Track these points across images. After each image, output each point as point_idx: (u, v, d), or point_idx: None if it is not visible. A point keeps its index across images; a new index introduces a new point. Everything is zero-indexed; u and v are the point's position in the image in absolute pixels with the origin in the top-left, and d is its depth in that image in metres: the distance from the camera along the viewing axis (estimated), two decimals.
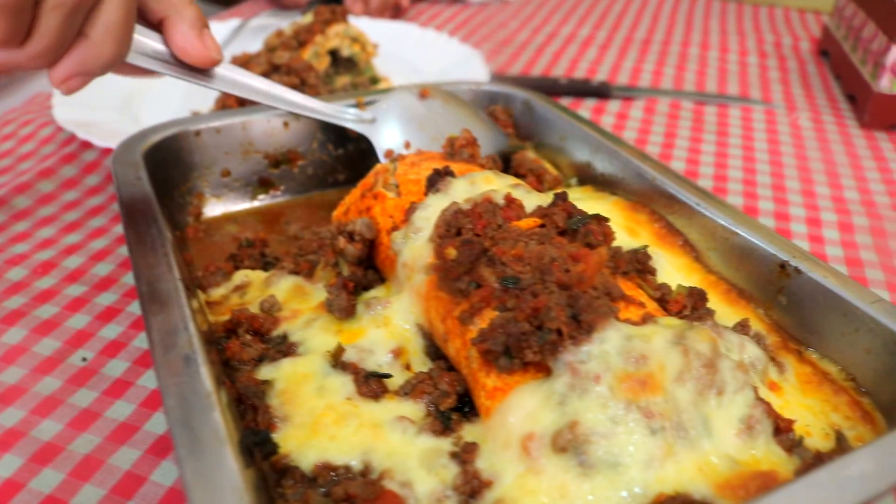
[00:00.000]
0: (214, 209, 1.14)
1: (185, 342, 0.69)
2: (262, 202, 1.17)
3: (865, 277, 1.06)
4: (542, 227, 0.77)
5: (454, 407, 0.73)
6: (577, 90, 1.62)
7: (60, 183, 1.25)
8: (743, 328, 0.79)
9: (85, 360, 0.87)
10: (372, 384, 0.74)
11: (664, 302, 0.78)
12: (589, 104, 1.61)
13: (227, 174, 1.14)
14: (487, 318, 0.69)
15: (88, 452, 0.76)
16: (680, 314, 0.77)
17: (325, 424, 0.70)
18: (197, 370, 0.66)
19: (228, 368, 0.79)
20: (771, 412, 0.66)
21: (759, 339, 0.80)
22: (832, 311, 0.78)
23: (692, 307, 0.77)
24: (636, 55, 1.94)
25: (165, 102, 1.47)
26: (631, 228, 0.94)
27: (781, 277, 0.83)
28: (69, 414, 0.80)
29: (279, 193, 1.18)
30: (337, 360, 0.77)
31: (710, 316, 0.78)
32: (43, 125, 1.43)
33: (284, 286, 0.90)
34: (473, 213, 0.76)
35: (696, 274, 0.89)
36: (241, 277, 0.93)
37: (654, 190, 0.97)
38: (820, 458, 0.64)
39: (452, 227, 0.76)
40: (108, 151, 1.31)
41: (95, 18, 0.70)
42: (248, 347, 0.80)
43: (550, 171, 1.10)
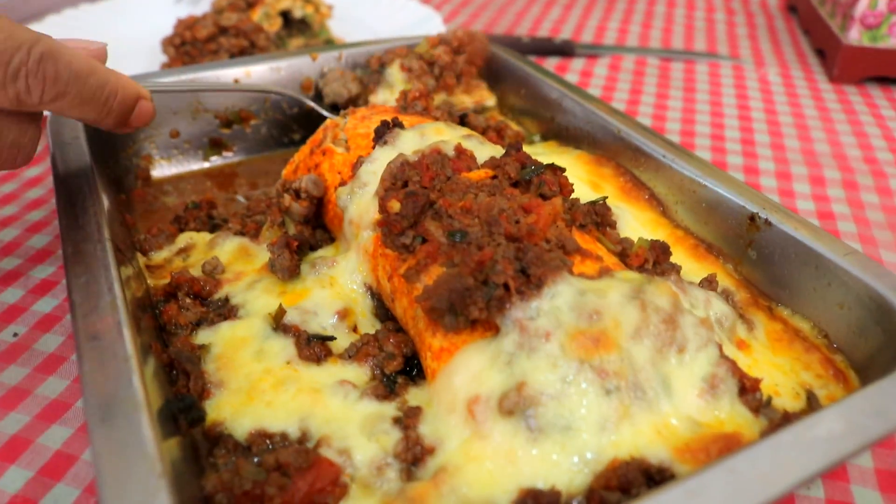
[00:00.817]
0: (164, 171, 1.09)
1: (107, 305, 0.64)
2: (214, 163, 1.11)
3: (838, 230, 1.02)
4: (493, 178, 0.72)
5: (401, 370, 0.69)
6: (540, 49, 1.56)
7: None
8: (710, 284, 0.75)
9: (16, 335, 0.82)
10: (314, 347, 0.69)
11: (625, 256, 0.73)
12: (552, 63, 1.56)
13: (176, 135, 1.08)
14: (434, 275, 0.65)
15: (16, 432, 0.71)
16: (641, 269, 0.72)
17: (261, 390, 0.66)
18: (119, 334, 0.61)
19: (165, 333, 0.75)
20: (736, 371, 0.62)
21: (727, 295, 0.76)
22: (804, 264, 0.74)
23: (654, 261, 0.72)
24: (601, 14, 1.88)
25: (116, 69, 1.40)
26: (594, 183, 0.89)
27: (751, 230, 0.79)
28: None
29: (232, 154, 1.12)
30: (278, 322, 0.72)
31: (673, 271, 0.73)
32: None
33: (229, 247, 0.85)
34: (421, 164, 0.71)
35: (662, 229, 0.84)
36: (185, 240, 0.88)
37: (619, 143, 0.93)
38: (788, 418, 0.60)
39: (399, 179, 0.71)
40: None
41: None
42: (185, 311, 0.75)
43: (512, 126, 1.05)
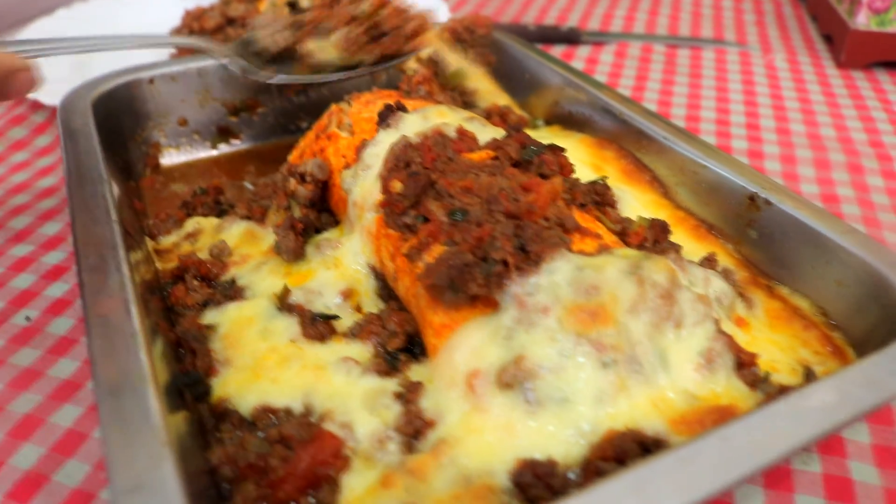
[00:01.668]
0: (173, 159, 1.10)
1: (115, 285, 0.65)
2: (222, 151, 1.13)
3: (842, 213, 1.02)
4: (495, 159, 0.73)
5: (404, 348, 0.70)
6: (546, 36, 1.57)
7: (9, 145, 1.21)
8: (710, 262, 0.76)
9: (28, 319, 0.84)
10: (318, 326, 0.71)
11: (625, 235, 0.74)
12: (558, 50, 1.56)
13: (184, 123, 1.10)
14: (436, 253, 0.66)
15: (28, 411, 0.73)
16: (641, 247, 0.73)
17: (267, 367, 0.67)
18: (126, 313, 0.62)
19: (173, 314, 0.76)
20: (733, 345, 0.63)
21: (727, 274, 0.76)
22: (803, 243, 0.75)
23: (654, 240, 0.73)
24: (608, 2, 1.88)
25: (123, 61, 1.42)
26: (597, 165, 0.90)
27: (751, 210, 0.79)
28: (9, 374, 0.77)
29: (240, 142, 1.14)
30: (283, 302, 0.73)
31: (673, 249, 0.74)
32: None
33: (236, 231, 0.86)
34: (423, 146, 0.72)
35: (663, 210, 0.85)
36: (192, 225, 0.90)
37: (622, 126, 0.93)
38: (784, 392, 0.61)
39: (401, 161, 0.72)
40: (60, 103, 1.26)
41: None
42: (193, 292, 0.77)
43: (515, 111, 1.06)
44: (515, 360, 0.58)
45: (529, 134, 0.95)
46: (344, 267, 0.77)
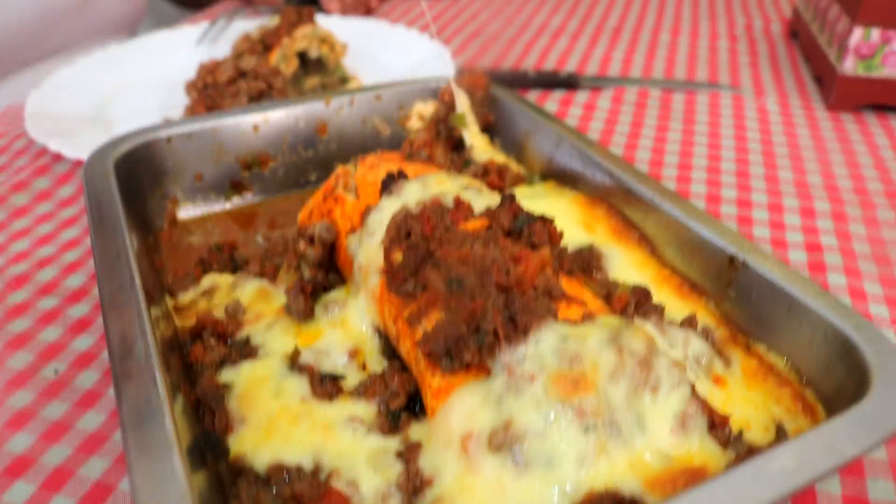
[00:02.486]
0: (189, 212, 1.16)
1: (141, 350, 0.71)
2: (235, 204, 1.19)
3: (824, 262, 1.07)
4: (489, 228, 0.78)
5: (406, 406, 0.75)
6: (545, 82, 1.63)
7: (34, 196, 1.27)
8: (690, 323, 0.81)
9: (57, 372, 0.90)
10: (326, 385, 0.77)
11: (610, 299, 0.80)
12: (557, 96, 1.62)
13: (199, 178, 1.16)
14: (433, 319, 0.72)
15: (59, 464, 0.78)
16: (624, 311, 0.78)
17: (279, 426, 0.73)
18: (151, 377, 0.68)
19: (192, 372, 0.82)
20: (706, 407, 0.68)
21: (707, 333, 0.82)
22: (777, 303, 0.80)
23: (636, 304, 0.79)
24: (606, 43, 1.94)
25: (140, 107, 1.49)
26: (588, 224, 0.96)
27: (731, 271, 0.85)
28: (41, 427, 0.82)
29: (252, 195, 1.20)
30: (294, 362, 0.79)
31: (655, 312, 0.79)
32: (16, 137, 1.45)
33: (249, 290, 0.92)
34: (422, 216, 0.78)
35: (650, 268, 0.91)
36: (209, 282, 0.96)
37: (612, 184, 0.99)
38: (752, 451, 0.66)
39: (402, 230, 0.78)
40: (80, 163, 1.33)
41: None
42: (210, 351, 0.83)
43: (513, 168, 1.12)
44: (505, 424, 0.63)
45: (525, 189, 1.02)
46: (350, 327, 0.83)
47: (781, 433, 0.71)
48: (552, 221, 0.79)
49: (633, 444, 0.64)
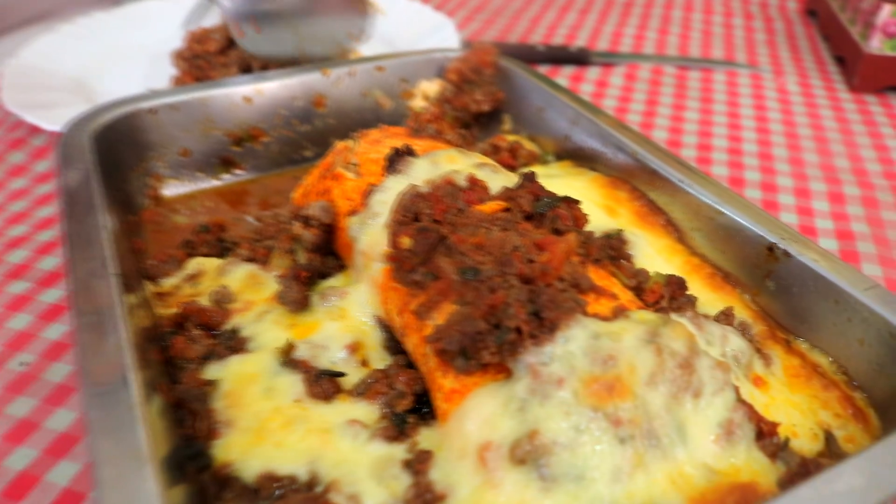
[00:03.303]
0: (175, 190, 1.08)
1: (112, 346, 0.63)
2: (224, 181, 1.11)
3: (857, 251, 1.00)
4: (507, 210, 0.70)
5: (412, 408, 0.68)
6: (555, 57, 1.55)
7: (7, 170, 1.18)
8: (727, 317, 0.73)
9: (23, 364, 0.82)
10: (323, 384, 0.69)
11: (640, 290, 0.72)
12: (567, 72, 1.54)
13: (186, 153, 1.07)
14: (446, 312, 0.64)
15: (24, 468, 0.71)
16: (657, 304, 0.71)
17: (271, 430, 0.65)
18: (122, 377, 0.60)
19: (172, 367, 0.74)
20: (753, 415, 0.60)
21: (744, 328, 0.74)
22: (823, 297, 0.73)
23: (670, 297, 0.71)
24: (617, 19, 1.86)
25: (125, 78, 1.40)
26: (610, 207, 0.88)
27: (769, 261, 0.77)
28: (5, 426, 0.75)
29: (243, 172, 1.12)
30: (287, 357, 0.71)
31: (690, 306, 0.72)
32: None
33: (239, 275, 0.84)
34: (432, 196, 0.70)
35: (678, 256, 0.83)
36: (194, 266, 0.88)
37: (635, 164, 0.91)
38: (805, 465, 0.59)
39: (410, 211, 0.70)
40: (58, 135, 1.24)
41: None
42: (194, 344, 0.74)
43: (526, 146, 1.03)
44: (529, 434, 0.56)
45: (540, 169, 0.93)
46: (350, 318, 0.75)
47: (832, 442, 0.64)
48: (578, 204, 0.71)
49: (673, 455, 0.57)
